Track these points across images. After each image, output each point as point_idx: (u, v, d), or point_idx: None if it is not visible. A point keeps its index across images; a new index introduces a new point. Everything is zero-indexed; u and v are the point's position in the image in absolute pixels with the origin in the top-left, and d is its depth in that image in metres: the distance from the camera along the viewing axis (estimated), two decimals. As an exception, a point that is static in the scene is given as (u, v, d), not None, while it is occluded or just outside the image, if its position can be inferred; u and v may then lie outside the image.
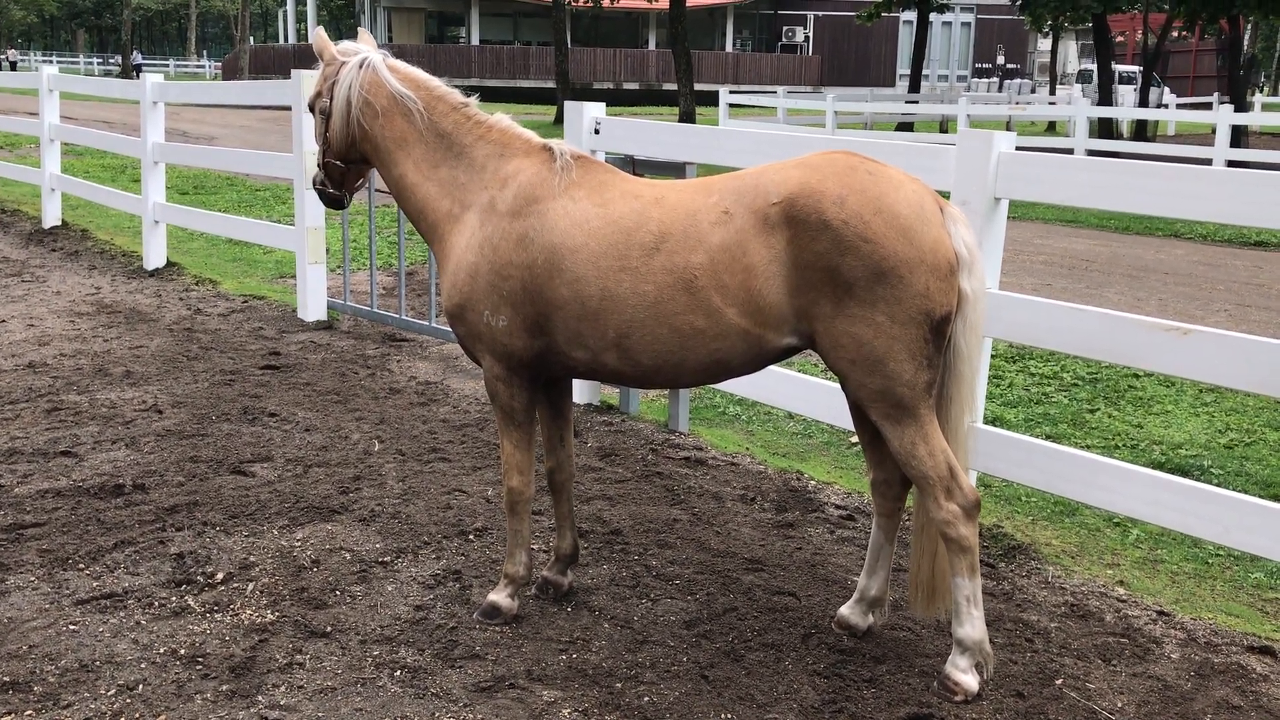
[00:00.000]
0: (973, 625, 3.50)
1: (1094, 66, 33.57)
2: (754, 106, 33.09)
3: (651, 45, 51.36)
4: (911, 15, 39.97)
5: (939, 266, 3.31)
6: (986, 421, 4.92)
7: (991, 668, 3.56)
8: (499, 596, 3.93)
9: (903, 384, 3.34)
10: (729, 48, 53.12)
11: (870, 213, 3.29)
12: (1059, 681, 3.64)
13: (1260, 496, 4.62)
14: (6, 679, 3.44)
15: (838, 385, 5.18)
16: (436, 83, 3.95)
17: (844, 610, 3.92)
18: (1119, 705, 3.52)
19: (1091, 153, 21.52)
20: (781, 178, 3.42)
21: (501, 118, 3.87)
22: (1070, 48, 59.47)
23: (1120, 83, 35.11)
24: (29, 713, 3.28)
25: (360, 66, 3.89)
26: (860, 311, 3.30)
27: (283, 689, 3.45)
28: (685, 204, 3.51)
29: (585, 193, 3.62)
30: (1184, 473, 5.45)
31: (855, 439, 5.96)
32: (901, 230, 3.30)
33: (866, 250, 3.27)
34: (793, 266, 3.34)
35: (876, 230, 3.28)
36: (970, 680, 3.51)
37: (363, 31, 4.23)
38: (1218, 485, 5.06)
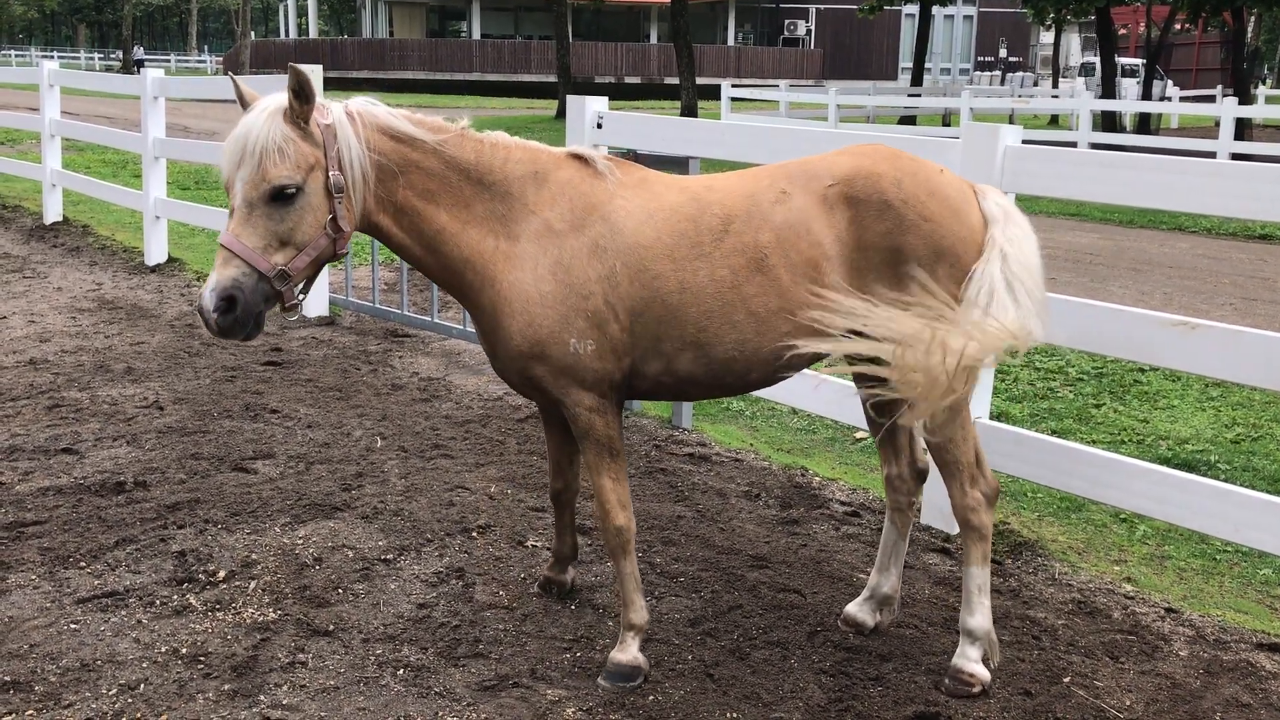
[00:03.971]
0: (984, 615, 3.51)
1: (1097, 59, 33.46)
2: (756, 100, 33.05)
3: (653, 39, 51.30)
4: (914, 8, 39.87)
5: (982, 248, 3.40)
6: (992, 417, 4.89)
7: (998, 658, 3.55)
8: (631, 654, 3.51)
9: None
10: (731, 41, 53.04)
11: (925, 194, 3.37)
12: (1066, 679, 3.62)
13: (1268, 492, 4.59)
14: (7, 678, 3.42)
15: (841, 381, 5.16)
16: (422, 116, 3.43)
17: (851, 608, 3.89)
18: (1127, 703, 3.50)
19: (1095, 146, 21.44)
20: (829, 162, 3.47)
21: (503, 135, 3.49)
22: (1073, 41, 59.33)
23: (1123, 76, 35.00)
24: (30, 712, 3.26)
25: (354, 122, 3.24)
26: (920, 295, 3.31)
27: (285, 688, 3.43)
28: (738, 188, 3.46)
29: (633, 191, 3.45)
30: (1190, 468, 5.42)
31: (860, 434, 5.94)
32: (953, 211, 3.39)
33: (927, 229, 3.34)
34: (854, 248, 3.36)
35: (934, 211, 3.36)
36: (984, 670, 3.51)
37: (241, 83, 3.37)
38: (1225, 480, 5.02)
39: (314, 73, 8.09)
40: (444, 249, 3.35)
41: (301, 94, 3.08)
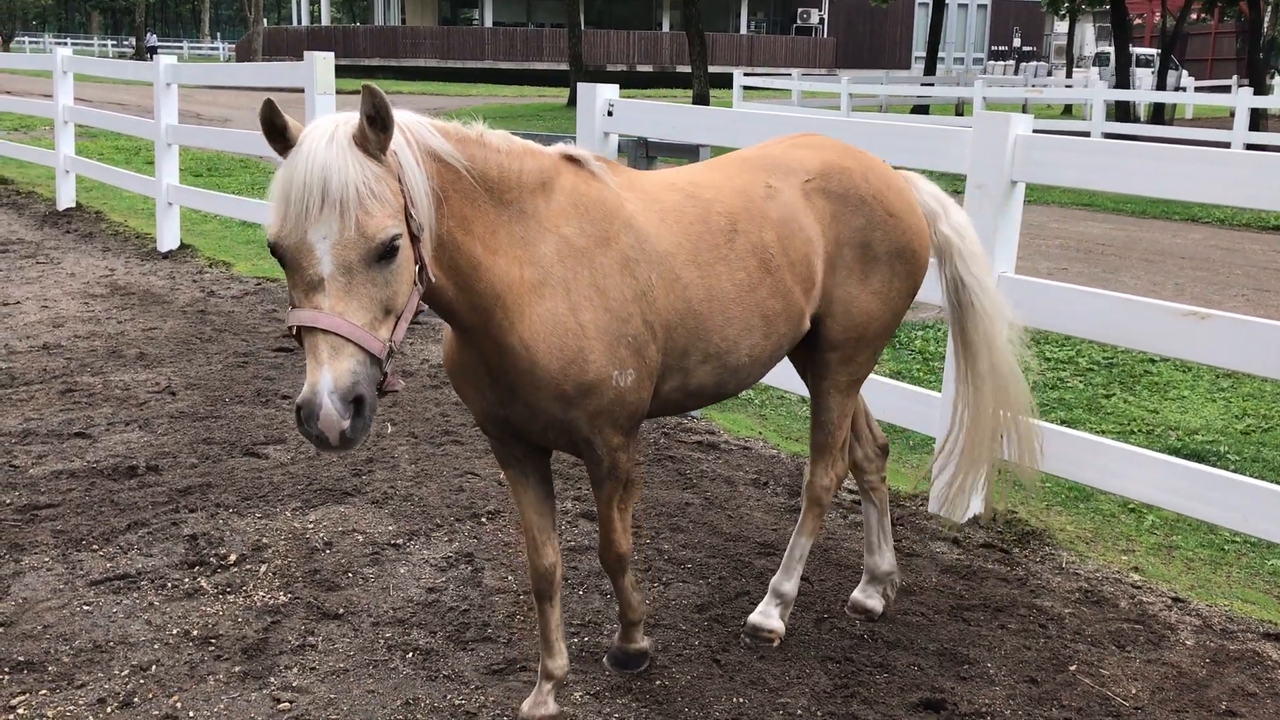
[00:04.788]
0: (795, 582, 3.71)
1: (1111, 49, 33.31)
2: (768, 89, 32.95)
3: (665, 27, 51.17)
4: (927, -3, 39.72)
5: (929, 241, 3.55)
6: (1001, 406, 4.88)
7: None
8: (638, 642, 3.47)
9: (876, 356, 3.57)
10: (743, 30, 52.89)
11: (885, 187, 3.44)
12: (1073, 667, 3.63)
13: (1277, 483, 4.59)
14: (21, 659, 3.45)
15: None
16: (443, 123, 2.75)
17: (857, 594, 3.91)
18: (1133, 692, 3.50)
19: (1108, 136, 21.36)
20: (794, 156, 3.44)
21: (509, 136, 2.88)
22: (1087, 30, 59.04)
23: (1138, 65, 34.85)
24: (43, 692, 3.29)
25: (411, 144, 2.56)
26: (880, 286, 3.42)
27: (295, 670, 3.46)
28: (726, 184, 3.28)
29: (634, 193, 3.07)
30: (1200, 459, 5.41)
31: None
32: (908, 205, 3.48)
33: (891, 225, 3.40)
34: (833, 244, 3.37)
35: (896, 206, 3.43)
36: (782, 625, 3.69)
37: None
38: (1234, 471, 5.02)
39: (326, 60, 8.12)
40: (478, 285, 2.71)
41: (378, 120, 2.40)
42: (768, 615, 3.69)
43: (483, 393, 2.94)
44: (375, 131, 2.41)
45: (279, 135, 2.46)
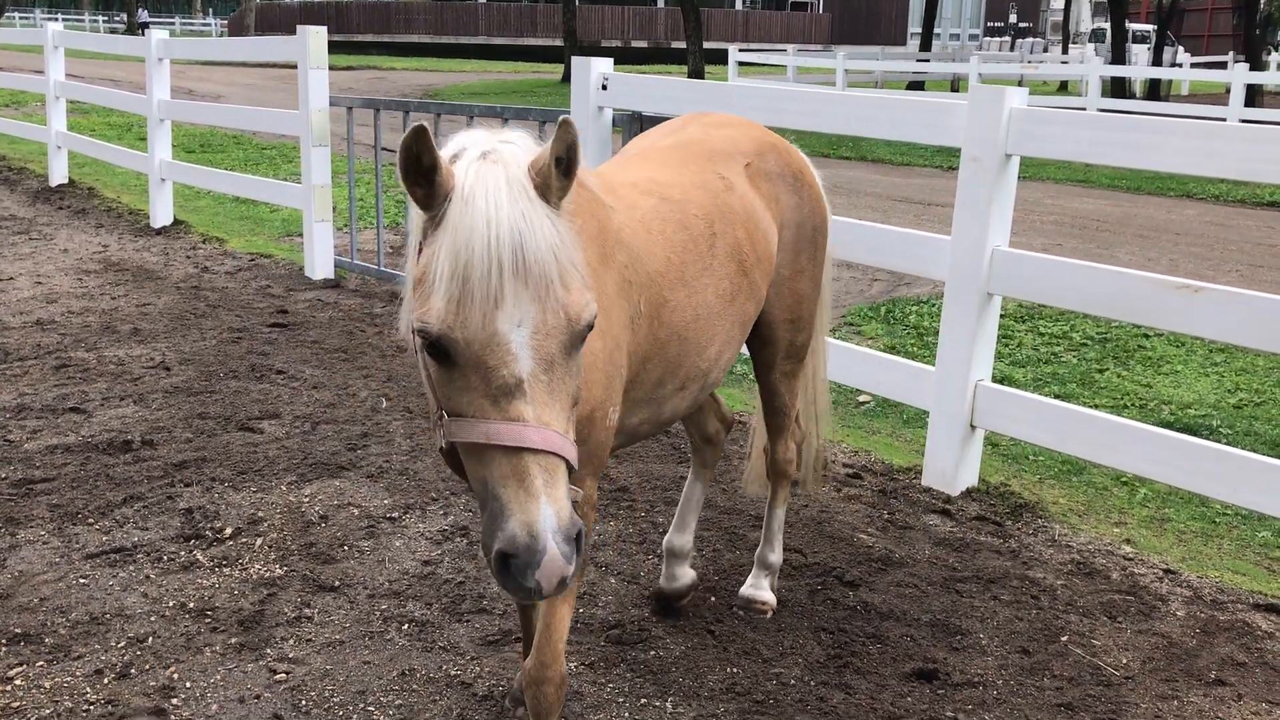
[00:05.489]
0: (780, 551, 3.76)
1: (1107, 25, 33.21)
2: (763, 65, 32.85)
3: (660, 3, 50.90)
4: (923, -28, 39.54)
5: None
6: (995, 380, 4.90)
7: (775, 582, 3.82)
8: None
9: (810, 333, 3.52)
10: (738, 5, 52.63)
11: (799, 159, 3.40)
12: (1064, 638, 3.65)
13: (1269, 456, 4.61)
14: (18, 631, 3.47)
15: (844, 344, 5.18)
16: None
17: (662, 581, 3.71)
18: (1124, 662, 3.53)
19: (1104, 112, 21.34)
20: (726, 135, 3.25)
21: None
22: (1084, 6, 58.83)
23: (1134, 41, 34.77)
24: (40, 664, 3.31)
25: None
26: (808, 266, 3.38)
27: (291, 642, 3.47)
28: (686, 180, 2.98)
29: (613, 199, 2.69)
30: (1193, 432, 5.43)
31: (864, 398, 5.96)
32: (813, 175, 3.44)
33: (811, 196, 3.37)
34: (780, 227, 3.28)
35: (809, 177, 3.40)
36: (774, 597, 3.72)
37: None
38: (1227, 445, 5.04)
39: (319, 35, 8.08)
40: None
41: (563, 163, 1.91)
42: (758, 587, 3.72)
43: None
44: (560, 176, 1.91)
45: (424, 177, 1.87)
